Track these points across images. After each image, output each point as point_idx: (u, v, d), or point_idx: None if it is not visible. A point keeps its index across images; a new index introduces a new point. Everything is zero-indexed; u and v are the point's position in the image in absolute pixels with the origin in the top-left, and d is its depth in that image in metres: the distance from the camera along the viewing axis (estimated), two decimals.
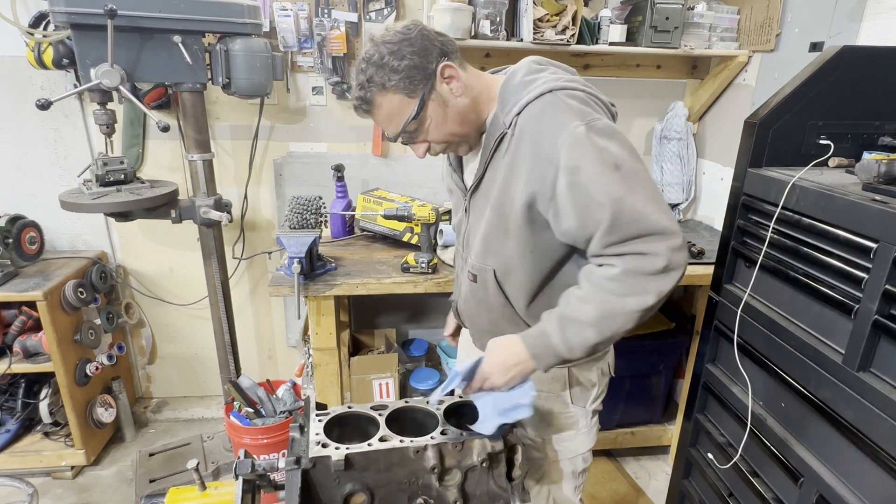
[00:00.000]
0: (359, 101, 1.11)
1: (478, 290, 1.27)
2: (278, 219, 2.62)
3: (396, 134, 1.14)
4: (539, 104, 1.06)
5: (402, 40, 1.06)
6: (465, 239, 1.29)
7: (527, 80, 1.11)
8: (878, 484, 1.16)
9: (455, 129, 1.14)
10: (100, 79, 1.71)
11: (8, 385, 2.38)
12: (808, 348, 1.32)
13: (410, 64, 1.06)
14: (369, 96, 1.09)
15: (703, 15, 2.31)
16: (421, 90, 1.08)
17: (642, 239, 0.99)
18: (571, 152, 0.99)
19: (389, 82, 1.07)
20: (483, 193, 1.19)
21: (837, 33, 1.89)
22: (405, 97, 1.08)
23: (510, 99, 1.11)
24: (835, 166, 1.50)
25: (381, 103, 1.10)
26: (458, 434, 1.08)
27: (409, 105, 1.09)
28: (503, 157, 1.12)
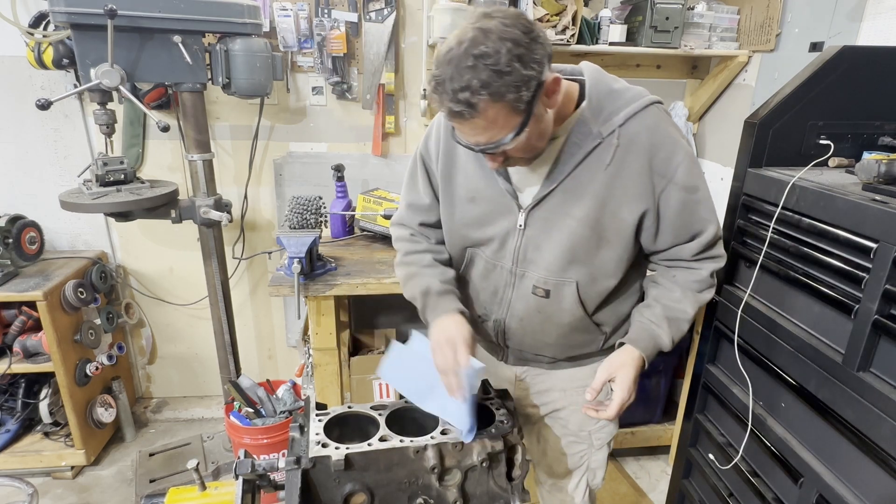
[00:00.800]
0: (463, 107, 0.90)
1: (549, 305, 1.20)
2: (278, 219, 2.62)
3: (485, 147, 0.99)
4: (649, 117, 1.06)
5: (527, 40, 0.90)
6: (520, 254, 1.18)
7: (618, 87, 1.08)
8: (878, 484, 1.16)
9: (538, 144, 1.04)
10: (100, 79, 1.71)
11: (8, 385, 2.38)
12: (808, 348, 1.32)
13: (531, 74, 0.90)
14: (478, 103, 0.89)
15: (703, 15, 2.31)
16: (528, 105, 0.93)
17: (718, 245, 1.18)
18: (690, 172, 1.08)
19: (508, 94, 0.90)
20: (559, 205, 1.11)
21: (837, 33, 1.89)
22: (513, 112, 0.93)
23: (606, 107, 1.05)
24: (835, 166, 1.50)
25: (485, 113, 0.91)
26: (458, 434, 1.08)
27: (514, 119, 0.94)
28: (604, 167, 1.06)
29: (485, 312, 1.31)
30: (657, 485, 2.45)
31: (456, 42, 0.91)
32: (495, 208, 1.18)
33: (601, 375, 1.16)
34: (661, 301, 1.20)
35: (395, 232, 1.37)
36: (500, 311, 1.27)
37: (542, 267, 1.17)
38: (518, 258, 1.19)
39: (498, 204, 1.17)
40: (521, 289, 1.21)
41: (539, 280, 1.18)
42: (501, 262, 1.21)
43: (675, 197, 1.09)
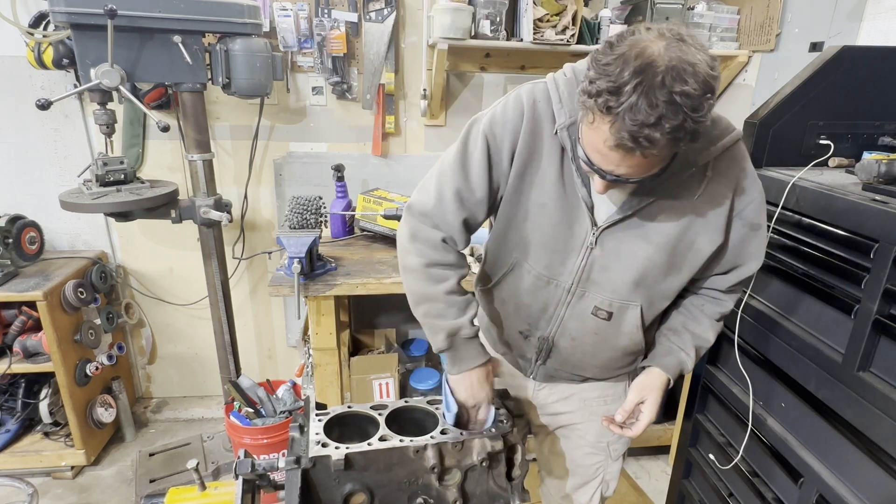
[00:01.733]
0: (643, 142, 0.82)
1: (608, 327, 1.16)
2: (278, 219, 2.62)
3: (620, 177, 0.92)
4: (739, 152, 1.07)
5: (717, 88, 0.83)
6: (584, 274, 1.12)
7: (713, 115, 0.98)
8: (878, 484, 1.16)
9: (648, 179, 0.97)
10: (100, 79, 1.71)
11: (8, 385, 2.38)
12: (808, 348, 1.32)
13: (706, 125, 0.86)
14: (659, 142, 0.82)
15: (703, 15, 2.31)
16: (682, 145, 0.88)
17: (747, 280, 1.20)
18: (759, 211, 1.10)
19: (684, 140, 0.84)
20: (638, 227, 1.06)
21: (837, 33, 1.89)
22: (671, 154, 0.92)
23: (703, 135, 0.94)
24: (835, 166, 1.50)
25: (656, 154, 0.85)
26: (458, 434, 1.08)
27: (663, 163, 0.93)
28: (693, 197, 1.03)
29: (527, 328, 1.24)
30: (657, 485, 2.45)
31: (647, 63, 0.79)
32: (565, 220, 1.09)
33: (633, 397, 1.17)
34: (689, 329, 1.22)
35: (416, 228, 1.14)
36: (549, 328, 1.21)
37: (609, 289, 1.12)
38: (581, 277, 1.12)
39: (569, 216, 1.09)
40: (579, 308, 1.16)
41: (603, 302, 1.13)
42: (558, 279, 1.14)
43: (737, 231, 1.10)
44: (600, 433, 1.36)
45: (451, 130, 2.59)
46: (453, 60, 2.38)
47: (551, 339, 1.22)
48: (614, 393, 1.35)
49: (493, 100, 2.52)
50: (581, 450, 1.41)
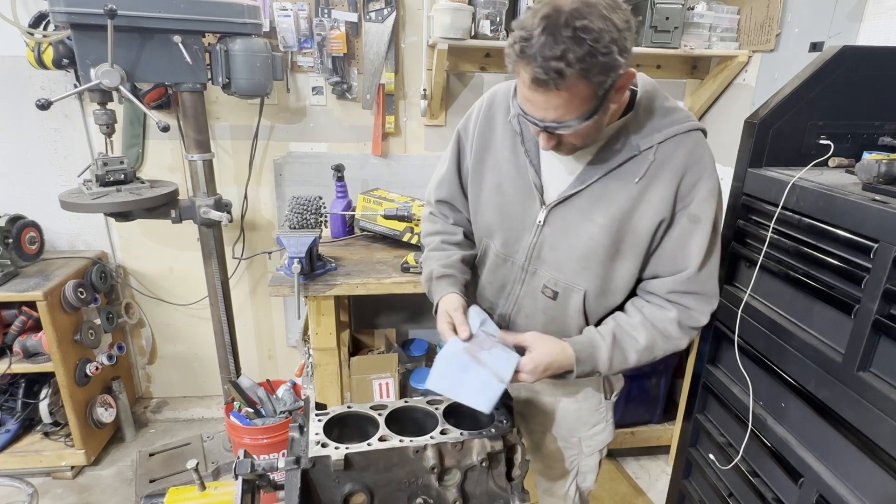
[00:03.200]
0: (552, 75, 0.87)
1: (555, 308, 1.19)
2: (278, 219, 2.62)
3: (547, 124, 0.96)
4: (689, 141, 1.06)
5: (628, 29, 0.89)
6: (535, 252, 1.17)
7: (668, 106, 1.08)
8: (878, 484, 1.16)
9: (595, 135, 1.03)
10: (100, 79, 1.71)
11: (8, 385, 2.38)
12: (808, 348, 1.32)
13: (621, 62, 0.90)
14: (569, 76, 0.87)
15: (703, 15, 2.31)
16: (607, 90, 0.92)
17: (699, 297, 1.12)
18: (702, 204, 1.07)
19: (596, 74, 0.88)
20: (583, 208, 1.10)
21: (837, 33, 1.89)
22: (592, 93, 0.91)
23: (650, 122, 1.06)
24: (835, 166, 1.50)
25: (569, 88, 0.89)
26: (458, 434, 1.08)
27: (589, 102, 0.93)
28: (637, 180, 1.06)
29: (490, 307, 1.30)
30: (657, 485, 2.45)
31: (553, 9, 0.88)
32: (518, 199, 1.17)
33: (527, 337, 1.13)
34: (617, 320, 1.16)
35: (423, 210, 1.46)
36: (507, 306, 1.26)
37: (556, 268, 1.16)
38: (532, 255, 1.18)
39: (522, 195, 1.16)
40: (531, 286, 1.21)
41: (550, 280, 1.17)
42: (514, 257, 1.21)
43: (680, 224, 1.08)
44: (572, 428, 1.38)
45: (451, 130, 2.57)
46: (453, 60, 2.38)
47: (509, 316, 1.28)
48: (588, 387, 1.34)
49: None
50: (555, 443, 1.42)
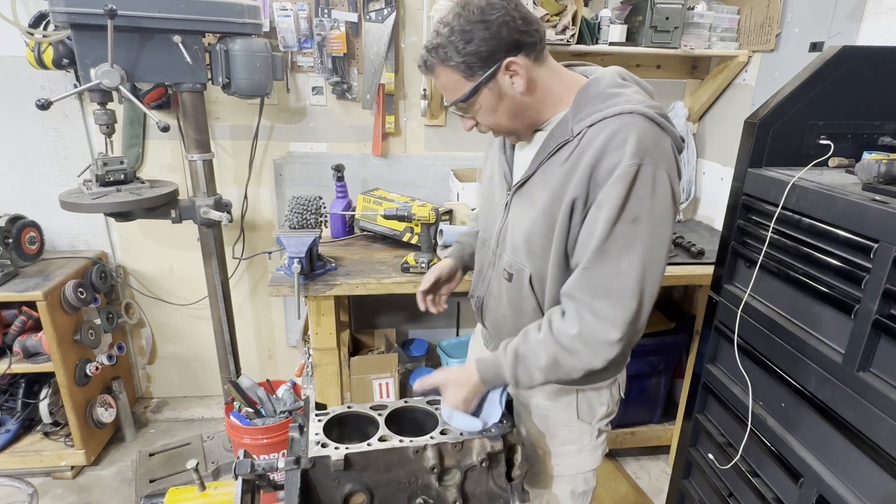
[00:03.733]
0: (421, 63, 1.11)
1: (512, 290, 1.22)
2: (278, 219, 2.62)
3: (447, 105, 1.15)
4: (615, 122, 1.01)
5: (479, 21, 1.02)
6: (501, 235, 1.23)
7: (610, 91, 1.06)
8: (878, 484, 1.16)
9: (503, 120, 1.13)
10: (100, 79, 1.71)
11: (8, 385, 2.38)
12: (808, 348, 1.32)
13: (474, 50, 1.03)
14: (430, 64, 1.09)
15: (703, 15, 2.31)
16: (479, 76, 1.05)
17: (606, 300, 1.01)
18: (610, 188, 0.99)
19: (450, 61, 1.05)
20: (528, 193, 1.15)
21: (837, 33, 1.89)
22: (462, 78, 1.07)
23: (586, 107, 1.06)
24: (835, 166, 1.50)
25: (439, 74, 1.09)
26: (458, 434, 1.08)
27: (463, 86, 1.08)
28: (562, 163, 1.07)
29: (471, 291, 1.41)
30: (657, 485, 2.45)
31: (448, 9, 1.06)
32: (496, 188, 1.27)
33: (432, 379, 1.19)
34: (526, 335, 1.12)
35: None
36: (482, 288, 1.33)
37: (511, 249, 1.20)
38: (500, 238, 1.24)
39: (499, 184, 1.26)
40: (498, 269, 1.26)
41: (507, 263, 1.22)
42: (489, 242, 1.29)
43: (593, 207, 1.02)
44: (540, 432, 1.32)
45: (451, 130, 2.59)
46: None
47: (483, 299, 1.34)
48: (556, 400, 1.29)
49: None
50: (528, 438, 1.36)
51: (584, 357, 1.04)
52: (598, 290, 1.01)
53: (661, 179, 1.00)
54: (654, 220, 1.00)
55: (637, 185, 0.98)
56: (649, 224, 0.99)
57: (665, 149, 1.02)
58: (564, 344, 1.05)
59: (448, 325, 2.94)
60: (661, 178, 1.00)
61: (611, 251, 1.00)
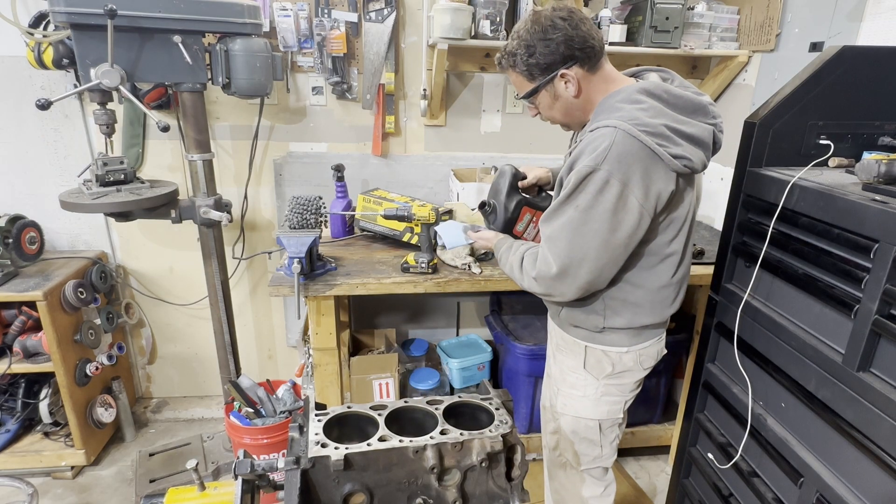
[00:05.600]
0: (498, 63, 1.39)
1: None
2: (278, 219, 2.62)
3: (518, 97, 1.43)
4: (598, 133, 1.22)
5: (542, 39, 1.26)
6: None
7: (617, 106, 1.25)
8: (878, 484, 1.16)
9: (558, 115, 1.40)
10: (100, 79, 1.71)
11: (8, 385, 2.38)
12: (808, 348, 1.32)
13: (535, 62, 1.29)
14: (504, 64, 1.37)
15: (703, 15, 2.31)
16: (538, 81, 1.32)
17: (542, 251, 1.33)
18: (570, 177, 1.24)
19: (517, 67, 1.33)
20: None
21: (837, 33, 1.89)
22: (525, 80, 1.34)
23: (599, 116, 1.29)
24: (835, 166, 1.50)
25: (509, 72, 1.38)
26: (458, 434, 1.08)
27: (527, 86, 1.35)
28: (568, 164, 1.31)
29: None
30: (657, 485, 2.45)
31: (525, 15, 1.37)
32: None
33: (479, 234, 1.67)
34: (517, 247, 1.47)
35: None
36: None
37: None
38: None
39: None
40: None
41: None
42: None
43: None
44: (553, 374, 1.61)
45: (451, 130, 2.59)
46: (453, 60, 2.38)
47: None
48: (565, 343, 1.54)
49: (493, 100, 2.55)
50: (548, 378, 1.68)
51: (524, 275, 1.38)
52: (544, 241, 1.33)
53: (612, 186, 1.19)
54: (590, 216, 1.22)
55: (587, 183, 1.21)
56: (584, 216, 1.23)
57: (631, 164, 1.19)
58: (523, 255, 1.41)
59: (448, 325, 2.94)
60: (612, 185, 1.19)
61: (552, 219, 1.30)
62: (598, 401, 1.51)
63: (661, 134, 1.20)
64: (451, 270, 2.03)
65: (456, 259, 2.06)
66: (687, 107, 1.27)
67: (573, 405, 1.55)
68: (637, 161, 1.19)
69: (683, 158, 1.22)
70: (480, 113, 2.58)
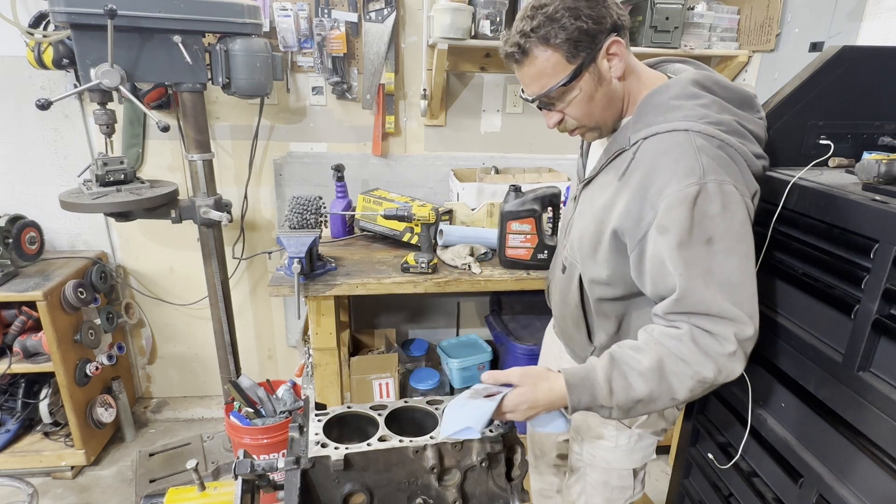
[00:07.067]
0: (514, 48, 1.02)
1: (563, 280, 1.28)
2: (278, 219, 2.62)
3: (537, 95, 1.05)
4: (668, 140, 0.98)
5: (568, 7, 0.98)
6: (569, 226, 1.27)
7: (674, 104, 1.02)
8: (878, 484, 1.15)
9: (596, 111, 1.08)
10: (100, 79, 1.71)
11: (8, 385, 2.38)
12: (808, 348, 1.32)
13: (583, 27, 0.97)
14: (528, 46, 1.01)
15: (703, 15, 2.31)
16: (582, 58, 1.00)
17: (709, 318, 0.95)
18: (669, 212, 0.94)
19: (555, 38, 0.98)
20: (592, 192, 1.15)
21: (837, 33, 1.89)
22: (563, 59, 1.00)
23: (647, 116, 1.04)
24: (835, 166, 1.50)
25: (537, 56, 1.01)
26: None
27: (564, 69, 1.01)
28: (618, 177, 1.05)
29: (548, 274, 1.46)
30: (657, 485, 2.45)
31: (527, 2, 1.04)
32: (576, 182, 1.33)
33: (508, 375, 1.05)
34: (620, 345, 1.04)
35: None
36: (552, 275, 1.41)
37: (570, 243, 1.24)
38: (567, 229, 1.29)
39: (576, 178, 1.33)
40: (559, 257, 1.33)
41: (566, 255, 1.27)
42: (561, 234, 1.36)
43: (652, 233, 0.97)
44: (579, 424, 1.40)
45: (451, 130, 2.59)
46: (453, 60, 2.38)
47: (549, 288, 1.42)
48: None
49: (493, 100, 2.55)
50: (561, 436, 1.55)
51: (695, 366, 0.94)
52: (691, 310, 0.95)
53: (731, 194, 0.94)
54: (730, 237, 0.94)
55: (702, 204, 0.93)
56: (726, 242, 0.94)
57: (729, 165, 0.97)
58: (670, 346, 0.96)
59: (448, 325, 2.94)
60: (730, 192, 0.94)
61: (694, 276, 0.94)
62: (631, 450, 1.36)
63: (738, 131, 1.01)
64: (451, 270, 2.03)
65: (456, 259, 2.06)
66: (739, 100, 1.08)
67: (603, 456, 1.35)
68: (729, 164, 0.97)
69: (763, 158, 1.05)
70: (480, 113, 2.58)
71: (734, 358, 0.95)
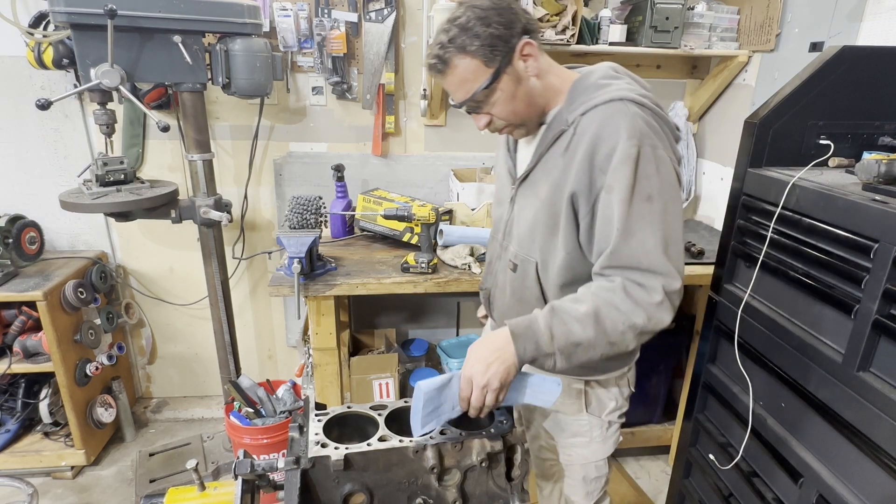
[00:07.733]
0: (435, 60, 1.10)
1: (516, 280, 1.27)
2: (278, 219, 2.62)
3: (464, 101, 1.13)
4: (608, 109, 1.06)
5: (491, 7, 1.06)
6: (508, 227, 1.28)
7: (601, 83, 1.11)
8: (878, 484, 1.16)
9: (520, 108, 1.14)
10: (100, 79, 1.71)
11: (8, 385, 2.38)
12: (808, 348, 1.32)
13: (495, 33, 1.05)
14: (447, 56, 1.08)
15: (703, 15, 2.31)
16: (498, 61, 1.07)
17: (640, 272, 1.02)
18: (615, 172, 1.02)
19: (471, 46, 1.06)
20: (532, 185, 1.19)
21: (837, 33, 1.89)
22: (482, 64, 1.08)
23: (579, 98, 1.11)
24: (835, 166, 1.50)
25: (457, 65, 1.09)
26: (458, 434, 1.07)
27: (483, 73, 1.08)
28: (561, 154, 1.11)
29: (481, 284, 1.46)
30: (657, 485, 2.45)
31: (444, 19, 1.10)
32: (504, 183, 1.32)
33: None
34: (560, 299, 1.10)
35: None
36: (490, 280, 1.38)
37: (517, 241, 1.25)
38: (506, 231, 1.29)
39: (505, 179, 1.31)
40: (504, 261, 1.30)
41: (512, 254, 1.26)
42: (497, 235, 1.34)
43: (601, 197, 1.06)
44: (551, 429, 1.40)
45: (451, 130, 2.59)
46: None
47: (490, 292, 1.39)
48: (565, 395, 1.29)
49: None
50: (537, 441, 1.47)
51: (627, 315, 1.01)
52: (626, 263, 1.03)
53: (663, 158, 1.04)
54: (665, 197, 1.03)
55: (641, 164, 1.01)
56: (662, 201, 1.03)
57: (659, 132, 1.06)
58: (604, 297, 1.03)
59: (448, 325, 2.94)
60: (663, 157, 1.04)
61: (633, 230, 1.02)
62: (605, 439, 1.37)
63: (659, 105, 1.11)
64: (451, 270, 2.03)
65: (456, 259, 2.06)
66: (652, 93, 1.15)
67: (580, 452, 1.37)
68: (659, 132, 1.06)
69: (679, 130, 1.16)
70: None
71: (662, 307, 1.02)
